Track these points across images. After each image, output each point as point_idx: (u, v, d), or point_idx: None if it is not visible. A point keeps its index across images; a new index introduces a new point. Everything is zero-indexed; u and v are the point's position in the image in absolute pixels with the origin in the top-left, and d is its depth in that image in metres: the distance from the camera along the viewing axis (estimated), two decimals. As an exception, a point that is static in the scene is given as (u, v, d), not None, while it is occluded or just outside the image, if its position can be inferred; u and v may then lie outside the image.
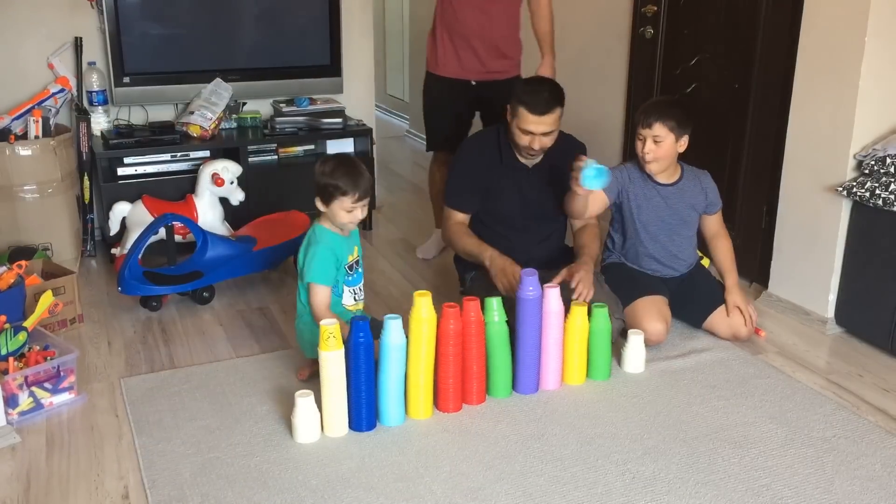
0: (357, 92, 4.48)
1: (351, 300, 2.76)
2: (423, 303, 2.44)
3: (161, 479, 2.22)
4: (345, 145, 4.25)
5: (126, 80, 3.86)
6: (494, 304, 2.59)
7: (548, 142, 2.94)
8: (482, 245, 3.00)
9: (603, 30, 4.35)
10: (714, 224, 3.12)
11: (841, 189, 2.97)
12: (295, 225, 3.58)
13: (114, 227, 3.63)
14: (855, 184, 2.94)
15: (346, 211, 2.62)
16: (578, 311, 2.70)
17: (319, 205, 2.66)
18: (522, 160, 3.05)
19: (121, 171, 3.79)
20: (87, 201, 3.80)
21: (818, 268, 3.15)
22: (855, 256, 3.04)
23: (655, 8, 3.93)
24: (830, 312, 3.15)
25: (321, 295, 2.62)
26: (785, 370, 2.85)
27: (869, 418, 2.54)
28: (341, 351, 2.37)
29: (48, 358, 2.61)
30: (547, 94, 2.90)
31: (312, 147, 4.23)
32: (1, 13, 3.72)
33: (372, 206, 2.78)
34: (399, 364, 2.45)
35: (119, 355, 2.93)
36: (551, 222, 3.15)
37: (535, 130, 2.88)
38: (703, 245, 3.17)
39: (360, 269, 2.78)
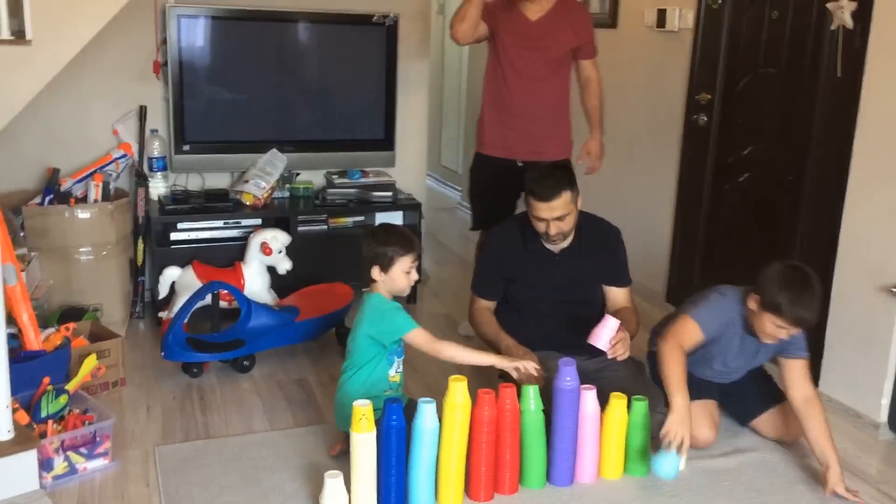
0: (409, 165, 4.53)
1: (394, 371, 2.74)
2: (458, 388, 2.41)
3: (185, 556, 2.20)
4: (394, 217, 4.27)
5: (186, 147, 3.97)
6: (531, 392, 2.55)
7: (564, 226, 2.94)
8: (501, 334, 3.00)
9: (656, 115, 4.35)
10: (802, 383, 2.75)
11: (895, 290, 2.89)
12: (338, 297, 3.61)
13: (163, 291, 3.69)
14: (911, 285, 2.85)
15: (406, 272, 2.67)
16: (617, 405, 2.64)
17: (377, 274, 2.68)
18: (549, 246, 3.04)
19: (174, 236, 3.88)
20: (139, 264, 3.88)
21: (871, 370, 3.05)
22: (911, 360, 2.94)
23: (710, 96, 3.93)
24: (883, 417, 3.03)
25: (421, 337, 2.65)
26: (834, 476, 2.74)
27: (921, 535, 2.42)
28: (373, 433, 2.35)
29: (86, 423, 2.64)
30: (553, 180, 2.91)
31: (362, 218, 4.28)
32: (72, 81, 3.86)
33: (418, 279, 2.80)
34: (431, 449, 2.42)
35: (156, 422, 2.95)
36: (582, 307, 3.10)
37: (546, 216, 2.90)
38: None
39: (401, 343, 2.78)
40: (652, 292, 4.45)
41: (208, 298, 3.40)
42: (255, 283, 3.73)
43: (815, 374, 3.31)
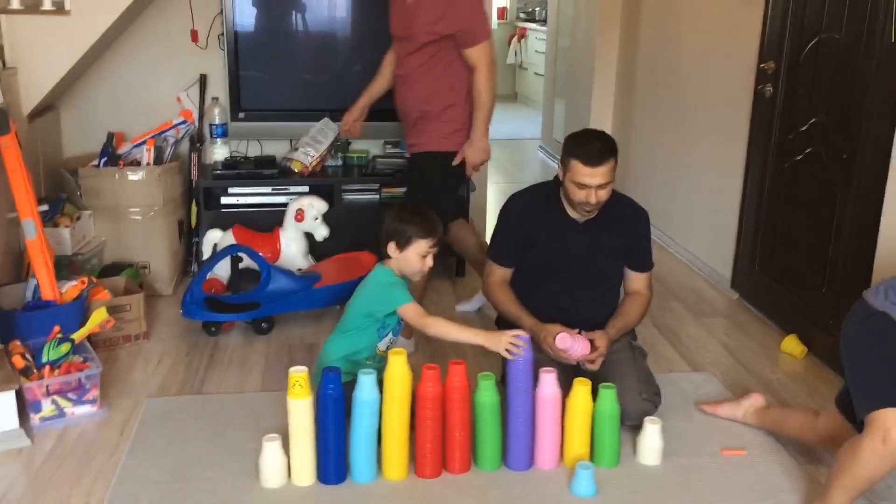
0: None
1: (384, 346, 2.73)
2: (396, 362, 2.37)
3: (118, 503, 2.31)
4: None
5: (241, 115, 4.11)
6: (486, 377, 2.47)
7: (604, 195, 2.75)
8: (521, 311, 2.86)
9: (729, 86, 4.04)
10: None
11: (927, 284, 2.53)
12: (362, 265, 3.60)
13: (206, 252, 3.86)
14: (943, 280, 2.49)
15: (422, 256, 2.65)
16: (580, 391, 2.50)
17: (393, 249, 2.67)
18: (573, 215, 2.86)
19: (224, 200, 4.03)
20: (192, 226, 4.07)
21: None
22: (947, 365, 2.57)
23: (774, 65, 3.59)
24: None
25: (411, 312, 2.63)
26: (830, 488, 2.46)
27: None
28: (308, 399, 2.36)
29: (82, 371, 2.82)
30: (600, 145, 2.74)
31: (415, 189, 4.26)
32: (140, 53, 4.12)
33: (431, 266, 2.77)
34: (369, 420, 2.39)
35: (160, 375, 3.11)
36: (603, 282, 2.93)
37: (589, 183, 2.71)
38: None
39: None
40: (719, 277, 4.16)
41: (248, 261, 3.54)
42: (290, 248, 3.81)
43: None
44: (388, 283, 2.68)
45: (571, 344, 2.63)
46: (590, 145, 2.74)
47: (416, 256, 2.66)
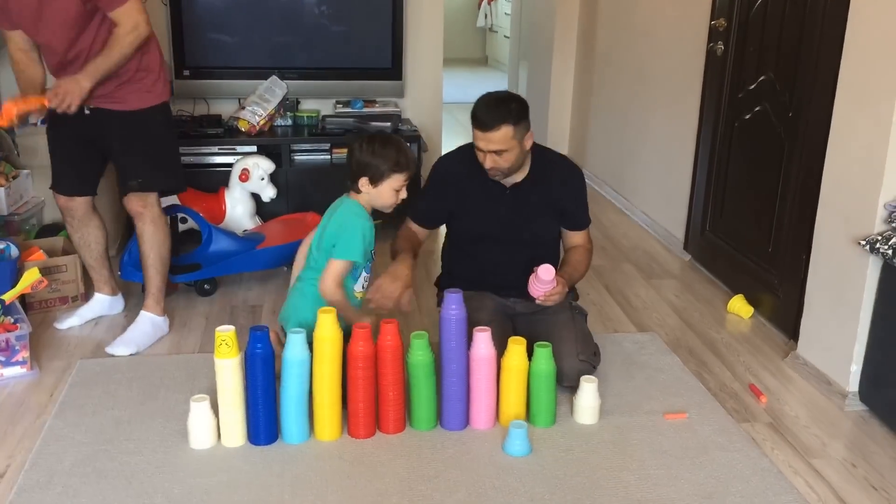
0: (422, 97, 4.39)
1: (360, 287, 2.66)
2: (325, 321, 2.33)
3: (40, 463, 2.26)
4: (398, 150, 4.17)
5: (186, 73, 4.01)
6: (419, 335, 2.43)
7: (502, 162, 2.64)
8: (405, 253, 2.71)
9: (680, 43, 3.99)
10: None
11: (864, 243, 2.51)
12: (307, 226, 3.55)
13: (150, 213, 3.77)
14: (879, 238, 2.48)
15: (396, 190, 2.56)
16: (515, 350, 2.46)
17: (364, 184, 2.55)
18: (499, 179, 2.80)
19: (169, 160, 3.94)
20: (137, 186, 3.96)
21: (842, 333, 2.70)
22: (884, 324, 2.56)
23: (725, 22, 3.54)
24: (853, 386, 2.68)
25: (340, 271, 2.53)
26: (764, 445, 2.46)
27: (828, 519, 2.13)
28: (235, 359, 2.31)
29: (11, 332, 2.75)
30: (496, 111, 2.60)
31: (367, 150, 4.19)
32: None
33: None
34: (299, 380, 2.35)
35: (97, 337, 3.04)
36: (538, 245, 2.86)
37: (482, 147, 2.63)
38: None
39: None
40: (672, 239, 4.14)
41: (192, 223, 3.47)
42: (236, 209, 3.75)
43: (794, 333, 3.01)
44: (353, 226, 2.54)
45: (552, 277, 2.57)
46: (485, 108, 2.62)
47: (389, 191, 2.56)
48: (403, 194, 2.60)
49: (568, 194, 2.85)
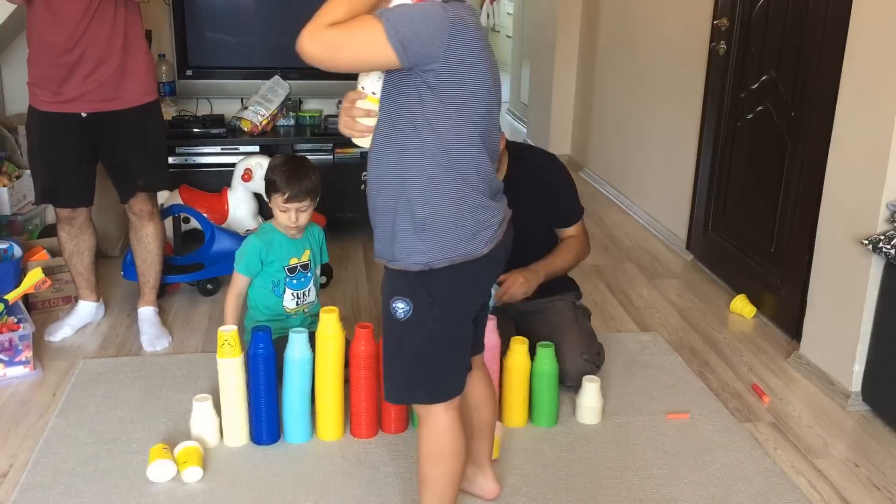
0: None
1: (293, 304, 2.69)
2: (327, 320, 2.33)
3: (43, 463, 2.26)
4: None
5: (189, 72, 4.01)
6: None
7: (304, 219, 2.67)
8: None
9: (682, 43, 3.99)
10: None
11: (867, 242, 2.51)
12: (310, 226, 3.56)
13: (153, 213, 3.77)
14: (882, 238, 2.47)
15: (280, 210, 2.61)
16: (518, 350, 2.46)
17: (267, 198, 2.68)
18: None
19: (172, 160, 3.94)
20: (140, 186, 3.97)
21: (845, 333, 2.69)
22: (886, 324, 2.56)
23: (728, 21, 3.53)
24: (856, 386, 2.68)
25: (236, 284, 2.64)
26: (767, 445, 2.46)
27: (830, 519, 2.13)
28: (238, 359, 2.31)
29: (14, 332, 2.75)
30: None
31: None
32: None
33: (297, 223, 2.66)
34: (301, 380, 2.35)
35: (100, 336, 3.04)
36: (522, 250, 2.71)
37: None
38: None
39: (309, 275, 2.71)
40: (675, 238, 4.14)
41: (194, 223, 3.48)
42: (238, 209, 3.75)
43: (797, 333, 3.00)
44: (249, 239, 2.65)
45: None
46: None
47: (276, 210, 2.62)
48: (294, 217, 2.60)
49: (550, 193, 2.75)
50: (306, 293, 2.71)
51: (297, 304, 2.69)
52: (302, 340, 2.33)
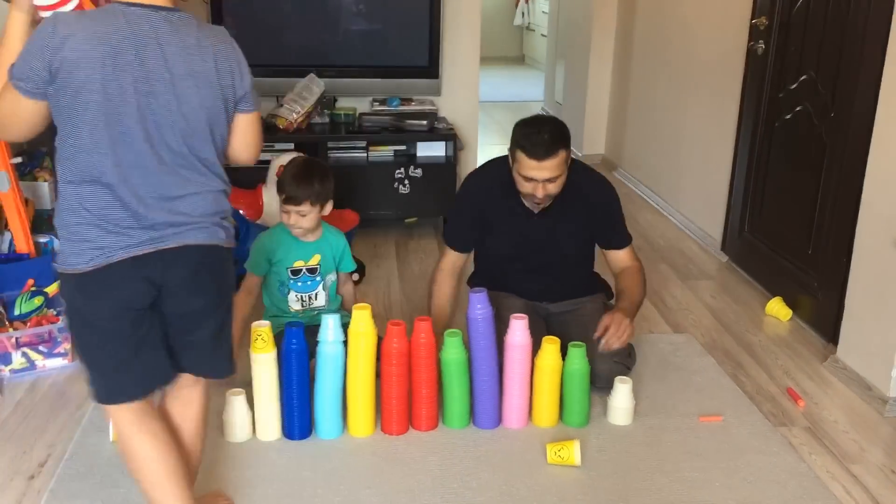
0: (459, 95, 4.39)
1: (298, 306, 2.72)
2: (360, 316, 2.34)
3: (80, 454, 2.30)
4: (434, 148, 4.18)
5: (225, 70, 4.04)
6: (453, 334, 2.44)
7: (553, 188, 2.57)
8: (438, 317, 2.71)
9: (720, 42, 3.94)
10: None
11: (907, 245, 2.47)
12: (343, 222, 3.58)
13: (189, 209, 3.82)
14: (923, 241, 2.43)
15: (284, 212, 2.62)
16: (549, 350, 2.46)
17: None
18: (527, 202, 2.70)
19: (208, 157, 3.99)
20: (176, 182, 4.02)
21: (883, 337, 2.65)
22: (926, 328, 2.52)
23: (766, 20, 3.49)
24: (894, 391, 2.63)
25: (246, 282, 2.67)
26: (801, 450, 2.43)
27: (866, 525, 2.10)
28: (271, 354, 2.34)
29: (54, 324, 2.80)
30: (548, 136, 2.51)
31: (404, 148, 4.21)
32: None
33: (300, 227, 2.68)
34: (333, 376, 2.37)
35: (136, 330, 3.08)
36: (566, 263, 2.80)
37: (537, 177, 2.53)
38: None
39: (317, 279, 2.72)
40: (710, 239, 4.10)
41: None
42: (272, 205, 3.76)
43: (833, 336, 2.96)
44: (259, 239, 2.68)
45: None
46: (538, 135, 2.51)
47: (281, 210, 2.65)
48: (295, 219, 2.60)
49: (598, 215, 2.75)
50: (313, 297, 2.72)
51: (303, 306, 2.71)
52: (334, 322, 2.33)
